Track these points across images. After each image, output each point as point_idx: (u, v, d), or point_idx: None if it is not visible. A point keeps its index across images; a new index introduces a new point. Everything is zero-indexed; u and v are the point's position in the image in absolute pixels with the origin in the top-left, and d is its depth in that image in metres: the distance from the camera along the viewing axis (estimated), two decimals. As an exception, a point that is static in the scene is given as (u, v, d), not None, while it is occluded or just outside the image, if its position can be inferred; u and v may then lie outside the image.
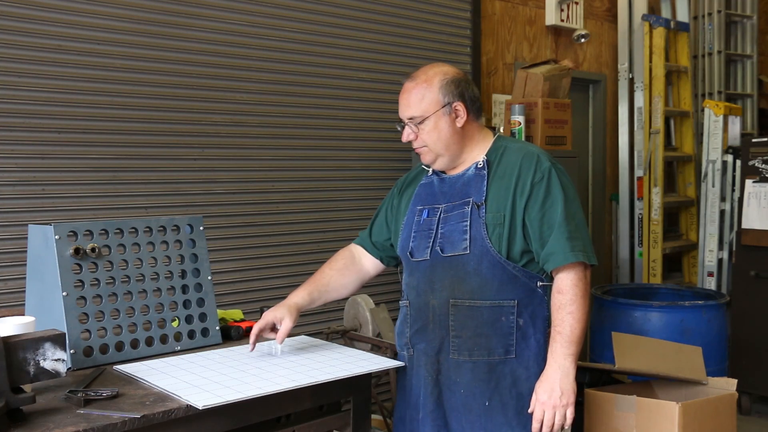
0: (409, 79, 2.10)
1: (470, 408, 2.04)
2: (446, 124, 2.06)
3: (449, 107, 2.05)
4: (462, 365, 2.05)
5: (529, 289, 2.04)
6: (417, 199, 2.20)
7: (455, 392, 2.06)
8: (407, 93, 2.08)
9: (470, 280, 2.02)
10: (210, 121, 3.46)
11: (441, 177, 2.17)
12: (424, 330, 2.10)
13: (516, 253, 2.02)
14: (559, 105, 4.07)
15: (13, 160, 2.93)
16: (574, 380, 1.97)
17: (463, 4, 4.53)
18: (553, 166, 2.05)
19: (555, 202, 2.00)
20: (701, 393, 2.85)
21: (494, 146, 2.12)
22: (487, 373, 2.03)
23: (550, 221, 1.99)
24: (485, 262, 2.01)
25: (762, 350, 4.51)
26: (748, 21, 6.36)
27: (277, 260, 3.71)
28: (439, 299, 2.06)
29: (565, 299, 1.98)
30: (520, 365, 2.04)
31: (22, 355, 1.55)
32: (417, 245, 2.13)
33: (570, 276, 1.99)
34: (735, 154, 5.16)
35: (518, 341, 2.03)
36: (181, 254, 2.23)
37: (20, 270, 2.78)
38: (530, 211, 2.01)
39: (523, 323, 2.03)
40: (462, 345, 2.04)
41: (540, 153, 2.08)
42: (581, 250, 1.98)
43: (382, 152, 4.11)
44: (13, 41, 2.90)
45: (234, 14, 3.51)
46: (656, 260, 5.36)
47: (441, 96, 2.05)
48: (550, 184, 2.02)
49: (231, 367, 1.95)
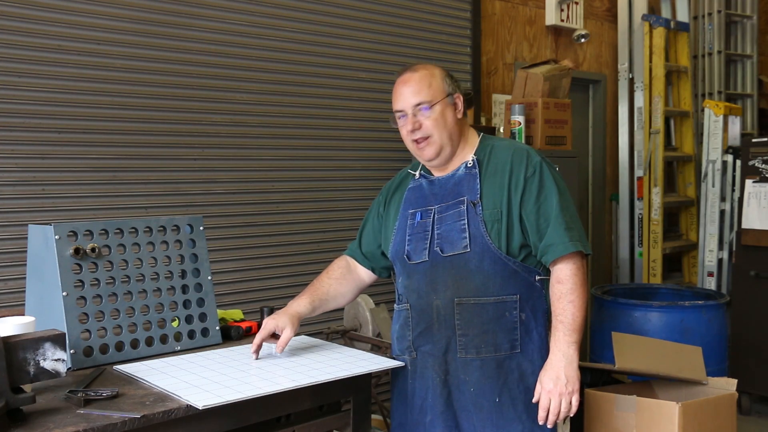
0: (408, 71, 2.10)
1: (481, 406, 2.04)
2: (450, 113, 2.08)
3: (451, 98, 2.09)
4: (470, 363, 2.05)
5: (529, 284, 2.06)
6: (407, 203, 2.19)
7: (464, 391, 2.06)
8: (412, 81, 2.07)
9: (473, 277, 2.03)
10: (210, 121, 3.45)
11: (430, 179, 2.18)
12: (428, 331, 2.10)
13: (515, 248, 2.03)
14: (559, 105, 4.07)
15: (13, 160, 2.93)
16: (578, 368, 1.97)
17: (463, 4, 4.53)
18: (542, 160, 2.08)
19: (549, 194, 2.03)
20: (701, 393, 2.85)
21: (482, 145, 2.15)
22: (496, 370, 2.04)
23: (546, 213, 2.02)
24: (487, 259, 2.02)
25: (762, 350, 4.51)
26: (748, 21, 6.36)
27: (277, 260, 3.71)
28: (443, 299, 2.06)
29: (566, 288, 1.99)
30: (525, 359, 2.05)
31: (22, 355, 1.55)
32: (414, 248, 2.13)
33: (569, 266, 2.01)
34: (735, 154, 5.16)
35: (522, 335, 2.05)
36: (181, 254, 2.23)
37: (20, 270, 2.78)
38: (526, 204, 2.03)
39: (526, 317, 2.05)
40: (469, 343, 2.04)
41: (528, 149, 2.12)
42: (578, 239, 2.01)
43: (382, 152, 4.11)
44: (13, 41, 2.90)
45: (234, 14, 3.52)
46: (656, 260, 5.36)
47: (445, 85, 2.08)
48: (542, 178, 2.04)
49: (231, 367, 1.95)
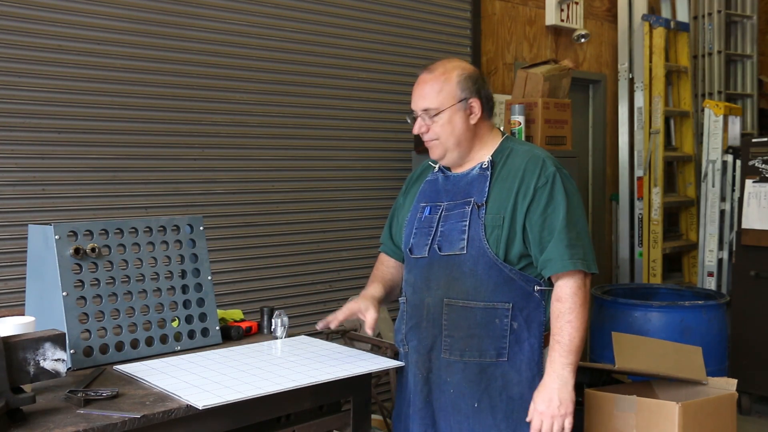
0: (426, 71, 2.09)
1: (459, 408, 2.04)
2: (460, 119, 2.05)
3: (465, 103, 2.05)
4: (453, 365, 2.04)
5: (526, 293, 2.02)
6: (421, 195, 2.19)
7: (445, 392, 2.06)
8: (424, 84, 2.07)
9: (465, 280, 2.02)
10: (210, 121, 3.45)
11: (446, 174, 2.16)
12: (417, 327, 2.10)
13: (514, 256, 2.01)
14: (559, 105, 4.07)
15: (13, 160, 2.93)
16: (572, 390, 1.95)
17: (463, 4, 4.53)
18: (558, 171, 2.03)
19: (557, 208, 1.99)
20: (701, 393, 2.85)
21: (501, 147, 2.11)
22: (478, 375, 2.02)
23: (551, 227, 1.98)
24: (481, 263, 2.00)
25: (762, 350, 4.51)
26: (748, 21, 6.36)
27: (277, 260, 3.71)
28: (433, 297, 2.06)
29: (564, 308, 1.96)
30: (512, 369, 2.02)
31: (22, 355, 1.55)
32: (417, 242, 2.13)
33: (569, 284, 1.97)
34: (735, 154, 5.16)
35: (511, 344, 2.02)
36: (181, 254, 2.23)
37: (20, 270, 2.78)
38: (531, 215, 1.99)
39: (518, 327, 2.01)
40: (454, 345, 2.04)
41: (546, 157, 2.06)
42: (580, 258, 1.96)
43: (382, 152, 4.11)
44: (13, 41, 2.90)
45: (234, 14, 3.51)
46: (656, 260, 5.36)
47: (459, 90, 2.05)
48: (553, 190, 2.00)
49: (231, 367, 1.95)
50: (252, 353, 2.10)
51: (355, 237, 3.98)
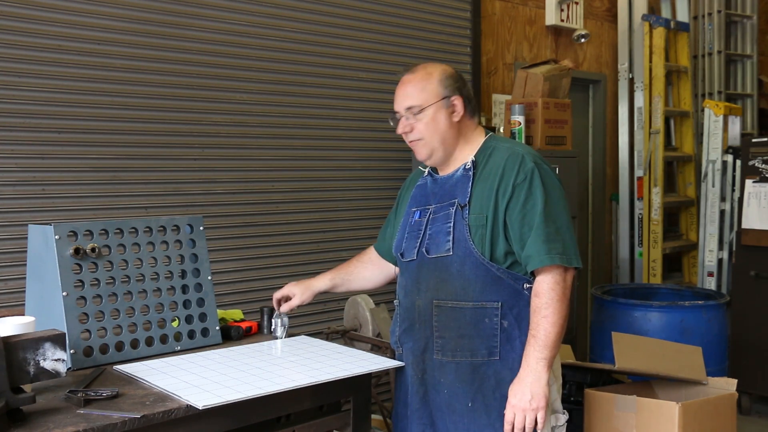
0: (408, 72, 2.12)
1: (454, 408, 2.05)
2: (444, 117, 2.07)
3: (447, 101, 2.07)
4: (446, 365, 2.05)
5: (515, 291, 2.02)
6: (413, 200, 2.22)
7: (440, 392, 2.07)
8: (407, 84, 2.09)
9: (453, 281, 2.02)
10: (210, 121, 3.45)
11: (434, 178, 2.18)
12: (410, 329, 2.12)
13: (499, 255, 2.01)
14: (559, 105, 4.07)
15: (13, 160, 2.93)
16: (546, 384, 1.94)
17: (463, 4, 4.53)
18: (537, 166, 2.02)
19: (535, 203, 1.98)
20: (701, 393, 2.86)
21: (483, 146, 2.12)
22: (470, 374, 2.03)
23: (530, 223, 1.97)
24: (468, 264, 2.01)
25: (762, 350, 4.51)
26: (748, 21, 6.36)
27: (277, 260, 3.71)
28: (424, 300, 2.08)
29: (541, 303, 1.95)
30: (504, 367, 2.02)
31: (22, 355, 1.55)
32: (407, 246, 2.15)
33: (547, 279, 1.96)
34: (735, 154, 5.16)
35: (502, 343, 2.02)
36: (181, 254, 2.23)
37: (20, 270, 2.78)
38: (511, 212, 1.99)
39: (508, 325, 2.02)
40: (445, 345, 2.05)
41: (526, 153, 2.05)
42: (559, 252, 1.95)
43: (382, 152, 4.11)
44: (13, 41, 2.90)
45: (234, 14, 3.51)
46: (656, 260, 5.36)
47: (441, 88, 2.07)
48: (532, 185, 1.99)
49: (231, 367, 1.95)
50: (252, 353, 2.10)
51: (355, 237, 3.98)
